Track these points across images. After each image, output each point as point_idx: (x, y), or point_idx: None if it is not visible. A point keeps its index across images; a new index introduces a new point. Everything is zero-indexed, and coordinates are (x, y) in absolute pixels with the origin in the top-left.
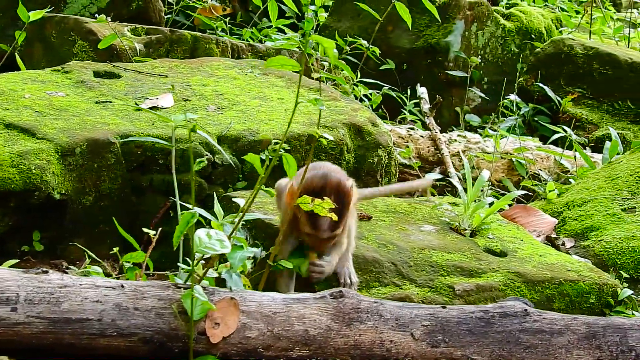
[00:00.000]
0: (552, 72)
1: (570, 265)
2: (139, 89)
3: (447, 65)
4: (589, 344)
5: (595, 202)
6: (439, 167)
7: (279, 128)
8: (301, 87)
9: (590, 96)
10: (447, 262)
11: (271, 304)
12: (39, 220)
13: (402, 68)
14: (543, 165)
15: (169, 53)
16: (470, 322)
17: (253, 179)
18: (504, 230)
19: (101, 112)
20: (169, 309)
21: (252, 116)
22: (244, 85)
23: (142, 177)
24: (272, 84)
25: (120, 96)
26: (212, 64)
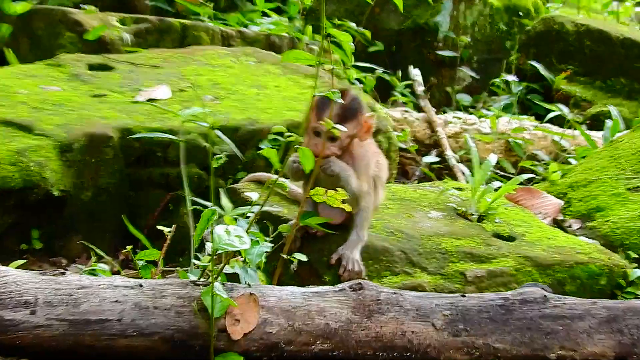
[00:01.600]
0: (543, 50)
1: (580, 247)
2: (134, 81)
3: (436, 45)
4: (609, 327)
5: (600, 182)
6: (435, 150)
7: (278, 116)
8: (295, 74)
9: (582, 73)
10: (456, 248)
11: (291, 299)
12: (37, 217)
13: (391, 50)
14: (540, 145)
15: (158, 42)
16: (490, 310)
17: (253, 169)
18: (510, 214)
19: (98, 106)
20: (188, 307)
21: (250, 105)
22: (239, 74)
23: (141, 171)
24: (268, 71)
25: (115, 89)
26: (206, 53)
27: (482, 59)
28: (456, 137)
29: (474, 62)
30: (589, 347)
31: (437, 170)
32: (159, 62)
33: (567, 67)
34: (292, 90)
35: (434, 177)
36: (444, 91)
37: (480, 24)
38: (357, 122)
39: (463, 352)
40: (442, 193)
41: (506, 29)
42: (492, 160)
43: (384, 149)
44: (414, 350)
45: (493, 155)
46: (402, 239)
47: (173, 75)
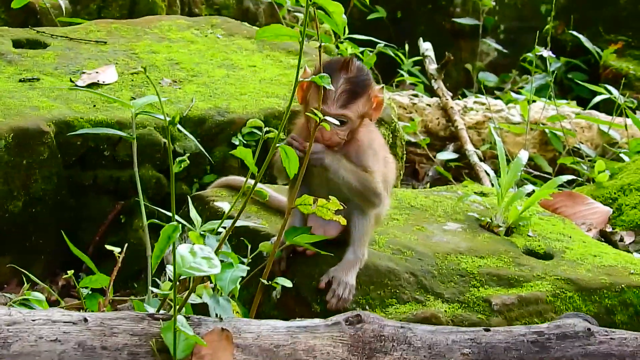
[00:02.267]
0: (588, 17)
1: (633, 267)
2: (73, 61)
3: (453, 11)
4: None
5: None
6: (452, 144)
7: (255, 104)
8: (275, 50)
9: (638, 45)
10: (479, 269)
11: (272, 335)
12: None
13: (396, 17)
14: (584, 136)
15: (101, 10)
16: (521, 348)
17: (224, 171)
18: (546, 226)
19: (27, 93)
20: (145, 346)
21: (218, 90)
22: (204, 51)
23: (84, 174)
24: (240, 47)
25: (49, 71)
26: (162, 24)
27: (511, 27)
28: (478, 128)
29: (500, 32)
30: None
31: (454, 169)
32: (104, 37)
33: (617, 38)
34: (272, 71)
35: (450, 179)
36: (463, 69)
37: None
38: (368, 97)
39: None
40: (461, 199)
41: None
42: (524, 157)
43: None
44: None
45: (524, 151)
46: (411, 258)
47: (121, 53)
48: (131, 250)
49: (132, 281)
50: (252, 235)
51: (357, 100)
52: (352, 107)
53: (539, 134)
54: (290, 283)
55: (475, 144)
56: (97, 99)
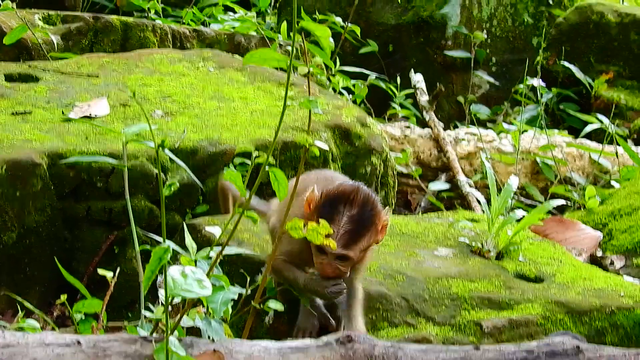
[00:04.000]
0: (579, 47)
1: (623, 289)
2: (65, 94)
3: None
4: None
5: None
6: (444, 174)
7: (246, 135)
8: (267, 82)
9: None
10: (470, 293)
11: (264, 356)
12: None
13: (388, 50)
14: (576, 165)
15: (93, 46)
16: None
17: (217, 201)
18: (537, 250)
19: (20, 126)
20: None
21: (209, 122)
22: (196, 84)
23: (77, 206)
24: (231, 79)
25: (41, 104)
26: (153, 58)
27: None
28: (470, 159)
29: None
30: None
31: (447, 199)
32: (95, 70)
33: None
34: (263, 103)
35: (443, 209)
36: (455, 101)
37: (500, 16)
38: (374, 229)
39: None
40: (452, 226)
41: (532, 22)
42: (514, 183)
43: (378, 174)
44: None
45: (514, 177)
46: (402, 283)
47: (113, 86)
48: (125, 281)
49: (126, 311)
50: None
51: (362, 239)
52: (355, 247)
53: (530, 163)
54: (282, 307)
55: (467, 175)
56: (89, 132)
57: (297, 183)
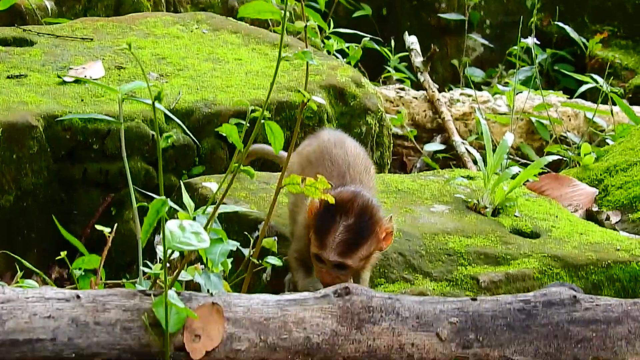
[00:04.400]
0: (573, 8)
1: (619, 243)
2: (60, 58)
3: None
4: None
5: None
6: (439, 136)
7: (241, 96)
8: (262, 43)
9: (623, 35)
10: (467, 248)
11: (262, 308)
12: None
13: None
14: (571, 124)
15: (87, 11)
16: (507, 316)
17: (213, 162)
18: (533, 206)
19: (16, 89)
20: (137, 321)
21: (205, 83)
22: (190, 46)
23: (73, 168)
24: (226, 41)
25: (37, 67)
26: (148, 21)
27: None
28: (465, 119)
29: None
30: (630, 356)
31: (442, 160)
32: (90, 34)
33: (603, 28)
34: (257, 64)
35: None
36: (450, 65)
37: None
38: (374, 238)
39: None
40: (447, 182)
41: None
42: (509, 139)
43: (374, 134)
44: None
45: (509, 134)
46: (399, 239)
47: (108, 49)
48: (123, 242)
49: (124, 272)
50: (240, 220)
51: (359, 248)
52: (354, 255)
53: (525, 123)
54: (281, 262)
55: (462, 136)
56: (85, 94)
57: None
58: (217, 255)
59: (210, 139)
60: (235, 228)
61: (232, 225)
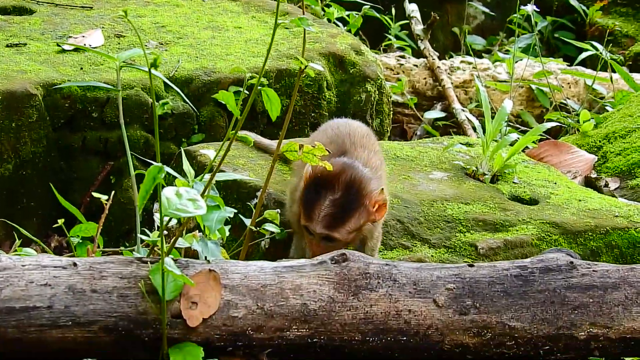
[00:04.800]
0: None
1: (618, 209)
2: (59, 26)
3: None
4: None
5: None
6: (439, 103)
7: (240, 64)
8: (261, 11)
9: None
10: (465, 215)
11: (259, 275)
12: None
13: None
14: (571, 92)
15: None
16: (505, 282)
17: (212, 130)
18: (532, 173)
19: (15, 58)
20: (134, 288)
21: (204, 51)
22: (190, 14)
23: (72, 136)
24: (225, 9)
25: (36, 36)
26: None
27: None
28: (465, 87)
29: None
30: (626, 322)
31: (442, 128)
32: (89, 2)
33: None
34: (257, 32)
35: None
36: (450, 33)
37: None
38: (363, 211)
39: (472, 333)
40: (446, 149)
41: None
42: (507, 106)
43: (373, 101)
44: (411, 333)
45: (508, 101)
46: (397, 206)
47: (107, 17)
48: (121, 210)
49: (123, 240)
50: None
51: (346, 222)
52: (341, 228)
53: (525, 91)
54: (279, 229)
55: (462, 103)
56: (84, 62)
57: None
58: (214, 222)
59: (209, 107)
60: (234, 196)
61: (231, 193)
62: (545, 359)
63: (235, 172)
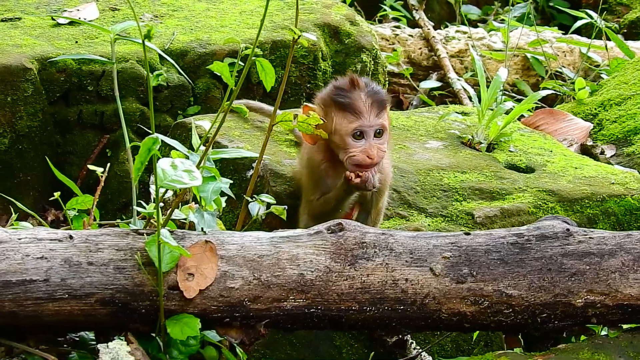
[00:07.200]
0: None
1: (614, 177)
2: (54, 0)
3: None
4: None
5: (638, 97)
6: (435, 73)
7: (235, 35)
8: None
9: None
10: (461, 184)
11: (256, 246)
12: None
13: None
14: (566, 60)
15: None
16: (501, 250)
17: (208, 102)
18: (528, 141)
19: (10, 32)
20: (130, 260)
21: (199, 23)
22: None
23: (68, 110)
24: None
25: (31, 10)
26: None
27: None
28: (461, 56)
29: None
30: (623, 289)
31: (438, 98)
32: None
33: None
34: (252, 3)
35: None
36: (446, 2)
37: None
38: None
39: (469, 301)
40: (442, 118)
41: None
42: (502, 74)
43: (369, 71)
44: (409, 302)
45: (503, 69)
46: (394, 175)
47: None
48: (118, 183)
49: (120, 213)
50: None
51: (385, 109)
52: (385, 115)
53: (521, 59)
54: (274, 200)
55: (458, 72)
56: (79, 36)
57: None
58: (210, 193)
59: (205, 78)
60: (230, 167)
61: (227, 165)
62: (542, 326)
63: (231, 143)
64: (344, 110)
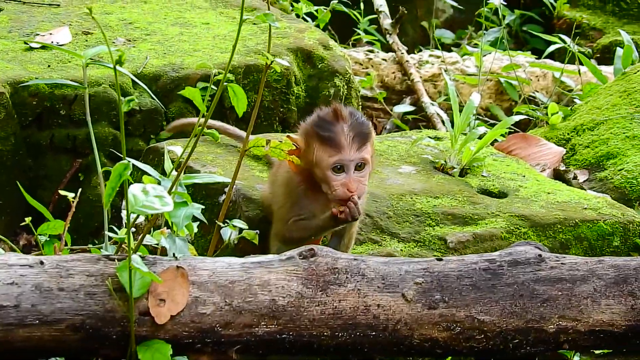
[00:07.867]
0: None
1: (586, 202)
2: (26, 24)
3: None
4: (619, 290)
5: (610, 123)
6: (409, 97)
7: (208, 59)
8: (229, 7)
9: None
10: (434, 209)
11: (227, 271)
12: None
13: None
14: (539, 85)
15: None
16: (473, 276)
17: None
18: (500, 166)
19: None
20: (101, 286)
21: (172, 48)
22: (157, 10)
23: (40, 134)
24: (193, 5)
25: (3, 34)
26: None
27: None
28: (434, 81)
29: None
30: (595, 314)
31: (412, 122)
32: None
33: None
34: (225, 28)
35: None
36: (420, 26)
37: None
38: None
39: (441, 327)
40: (415, 143)
41: None
42: (475, 100)
43: (342, 96)
44: (380, 328)
45: (476, 94)
46: (366, 200)
47: (74, 15)
48: (90, 207)
49: (92, 237)
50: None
51: (368, 142)
52: (366, 149)
53: (494, 84)
54: (247, 225)
55: (431, 97)
56: (52, 60)
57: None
58: (182, 219)
59: (177, 103)
60: (203, 192)
61: (199, 189)
62: (515, 352)
63: (203, 168)
64: (324, 143)
